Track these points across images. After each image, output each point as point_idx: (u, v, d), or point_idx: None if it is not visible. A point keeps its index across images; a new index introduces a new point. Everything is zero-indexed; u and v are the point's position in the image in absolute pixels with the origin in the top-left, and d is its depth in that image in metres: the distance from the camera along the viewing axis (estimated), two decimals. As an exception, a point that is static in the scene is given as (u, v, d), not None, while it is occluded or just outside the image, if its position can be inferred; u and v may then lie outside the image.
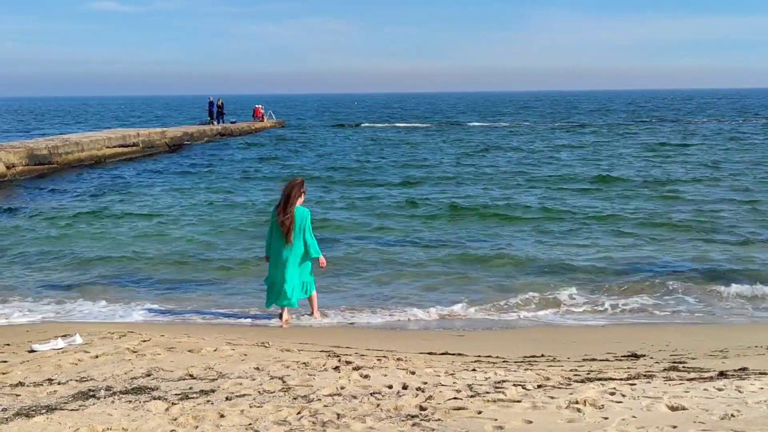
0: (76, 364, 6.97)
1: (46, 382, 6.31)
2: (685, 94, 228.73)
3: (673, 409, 5.16)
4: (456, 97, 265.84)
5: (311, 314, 10.77)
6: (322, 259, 10.48)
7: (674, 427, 4.72)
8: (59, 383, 6.26)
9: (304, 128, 64.63)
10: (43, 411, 5.39)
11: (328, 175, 28.77)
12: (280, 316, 10.51)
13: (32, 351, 7.73)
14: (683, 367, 7.11)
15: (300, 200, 10.31)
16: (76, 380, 6.32)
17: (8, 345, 8.24)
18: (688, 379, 6.21)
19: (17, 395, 5.93)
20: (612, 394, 5.57)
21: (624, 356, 8.05)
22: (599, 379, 6.19)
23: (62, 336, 8.22)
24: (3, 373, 6.71)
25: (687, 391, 5.62)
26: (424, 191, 24.08)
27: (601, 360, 7.80)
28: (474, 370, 6.71)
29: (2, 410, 5.50)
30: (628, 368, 7.01)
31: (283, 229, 10.18)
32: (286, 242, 10.20)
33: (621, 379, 6.19)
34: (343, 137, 52.86)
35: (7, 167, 25.99)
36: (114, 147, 35.00)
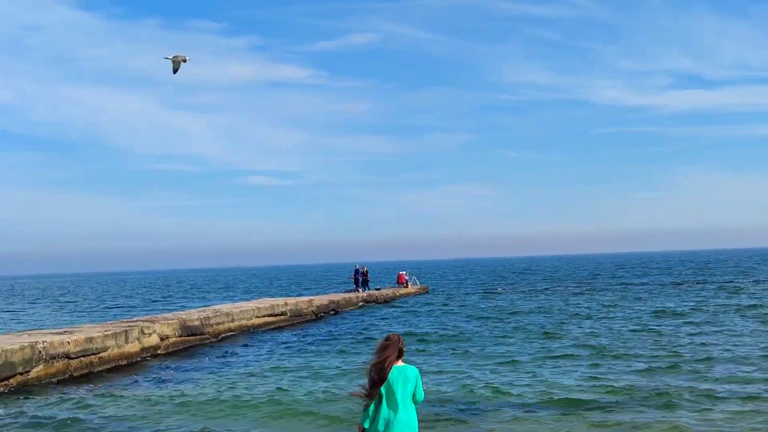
0: None
1: None
2: None
3: None
4: (616, 257, 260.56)
5: None
6: None
7: None
8: None
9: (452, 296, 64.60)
10: None
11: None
12: None
13: None
14: None
15: (397, 360, 8.69)
16: None
17: None
18: None
19: None
20: None
21: None
22: None
23: None
24: None
25: None
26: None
27: None
28: None
29: None
30: None
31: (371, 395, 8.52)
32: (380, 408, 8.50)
33: None
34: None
35: (161, 338, 27.04)
36: (263, 316, 35.98)
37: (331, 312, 44.66)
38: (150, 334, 26.33)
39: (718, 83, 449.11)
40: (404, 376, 8.58)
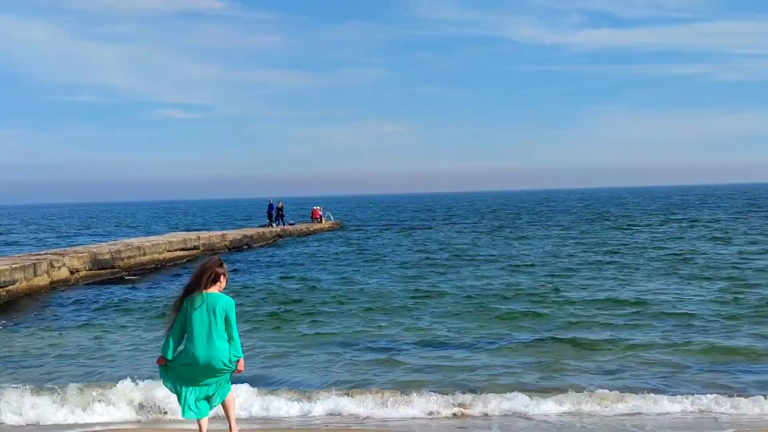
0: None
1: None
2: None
3: None
4: (524, 194, 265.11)
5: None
6: (242, 363, 7.91)
7: None
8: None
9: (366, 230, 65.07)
10: None
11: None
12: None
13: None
14: None
15: (216, 286, 7.87)
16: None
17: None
18: None
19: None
20: None
21: None
22: None
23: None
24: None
25: None
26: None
27: None
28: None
29: None
30: None
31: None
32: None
33: None
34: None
35: (71, 272, 26.73)
36: (175, 251, 35.73)
37: (245, 247, 44.66)
38: (59, 268, 26.00)
39: (631, 22, 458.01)
40: (212, 305, 7.75)
